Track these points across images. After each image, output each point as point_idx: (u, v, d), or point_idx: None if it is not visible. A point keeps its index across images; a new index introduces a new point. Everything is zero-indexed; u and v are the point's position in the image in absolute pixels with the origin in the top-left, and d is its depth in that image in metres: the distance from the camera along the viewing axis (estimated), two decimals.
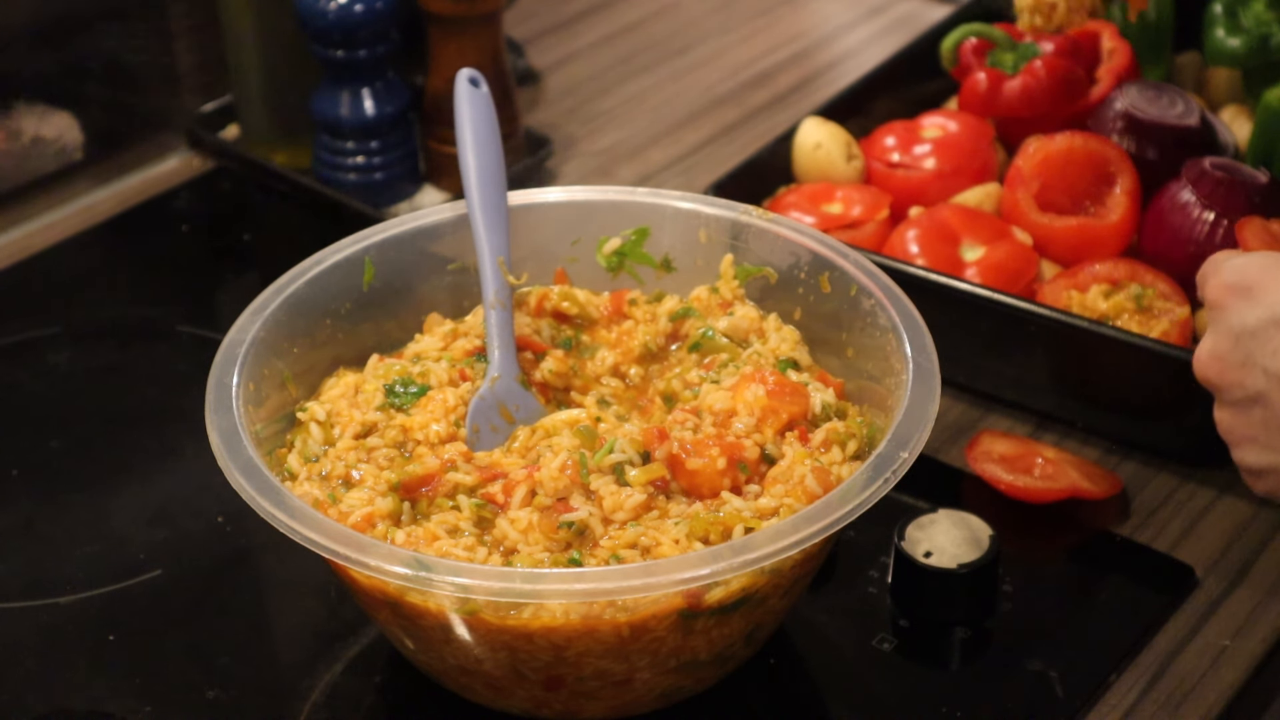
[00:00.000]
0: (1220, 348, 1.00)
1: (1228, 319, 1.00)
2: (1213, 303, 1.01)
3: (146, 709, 1.09)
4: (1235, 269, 1.01)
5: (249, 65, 1.59)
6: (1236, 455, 1.02)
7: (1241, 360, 0.99)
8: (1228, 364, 0.99)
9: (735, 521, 0.99)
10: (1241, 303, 0.99)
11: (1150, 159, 1.38)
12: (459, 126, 1.19)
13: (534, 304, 1.18)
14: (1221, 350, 1.00)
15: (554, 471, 1.01)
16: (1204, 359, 1.01)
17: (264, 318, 1.11)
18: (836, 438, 1.06)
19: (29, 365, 1.41)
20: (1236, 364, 0.99)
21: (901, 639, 1.13)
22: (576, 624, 0.96)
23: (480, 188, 1.17)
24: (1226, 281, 1.00)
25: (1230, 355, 0.99)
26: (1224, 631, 1.14)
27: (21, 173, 1.58)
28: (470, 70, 1.20)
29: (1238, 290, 0.99)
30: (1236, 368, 0.99)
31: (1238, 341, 0.99)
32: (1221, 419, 1.02)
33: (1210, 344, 1.01)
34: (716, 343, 1.14)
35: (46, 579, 1.19)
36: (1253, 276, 0.99)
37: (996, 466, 1.23)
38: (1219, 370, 1.00)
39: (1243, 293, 0.99)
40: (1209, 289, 1.02)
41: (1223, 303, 1.00)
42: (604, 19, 1.93)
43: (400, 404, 1.09)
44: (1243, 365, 0.98)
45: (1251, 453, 1.00)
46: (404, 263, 1.19)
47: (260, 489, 0.98)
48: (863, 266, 1.14)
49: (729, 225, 1.20)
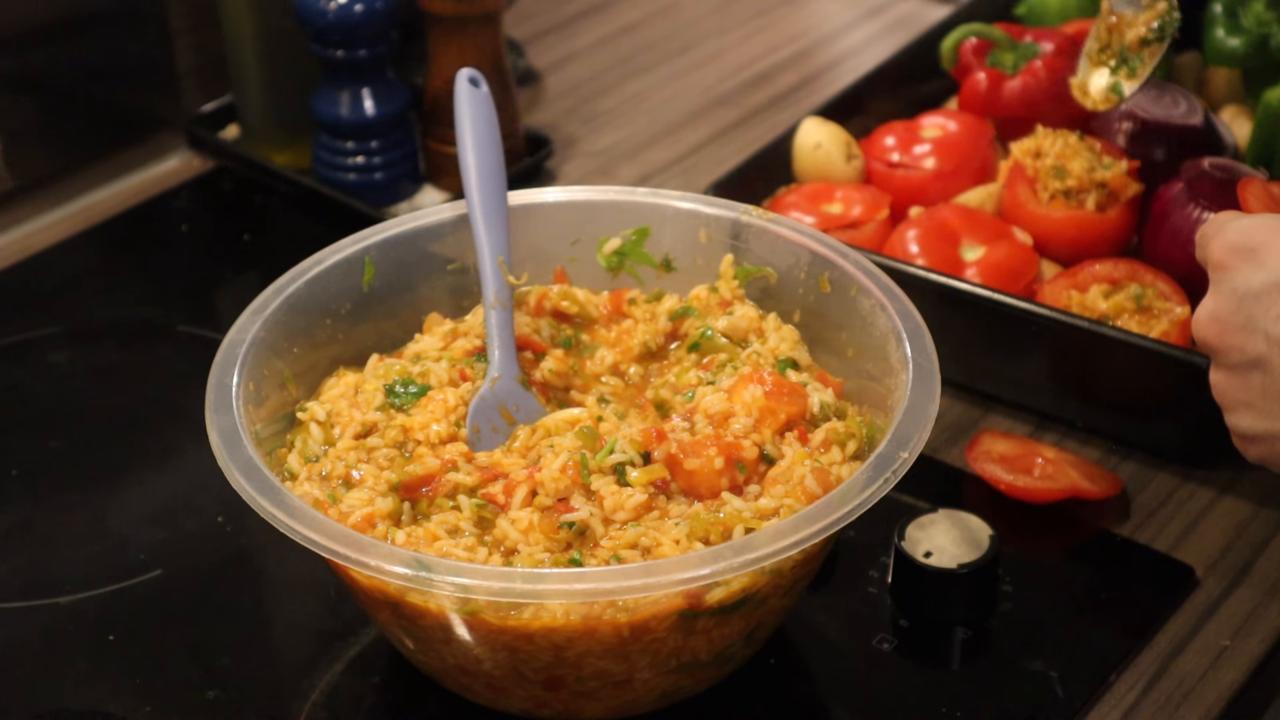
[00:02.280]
0: (1221, 310, 0.97)
1: (1231, 280, 0.97)
2: (1216, 264, 0.98)
3: (146, 709, 1.09)
4: (1240, 230, 0.98)
5: (249, 65, 1.60)
6: (1231, 420, 1.00)
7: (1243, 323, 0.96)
8: (1228, 326, 0.96)
9: (735, 522, 0.99)
10: (1246, 265, 0.96)
11: (1154, 159, 1.38)
12: (459, 126, 1.19)
13: (534, 303, 1.18)
14: (1223, 312, 0.97)
15: (555, 472, 1.01)
16: (1204, 320, 0.98)
17: (264, 318, 1.11)
18: (836, 438, 1.06)
19: (29, 365, 1.41)
20: (1237, 327, 0.96)
21: (901, 639, 1.13)
22: (577, 624, 0.96)
23: (480, 188, 1.17)
24: (1230, 242, 0.97)
25: (1231, 318, 0.96)
26: (1224, 631, 1.14)
27: (21, 173, 1.58)
28: (470, 70, 1.20)
29: (1242, 252, 0.96)
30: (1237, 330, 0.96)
31: (1240, 304, 0.96)
32: (1218, 382, 0.99)
33: (1211, 305, 0.98)
34: (716, 342, 1.14)
35: (46, 579, 1.19)
36: (1258, 238, 0.96)
37: (996, 466, 1.23)
38: (1218, 332, 0.97)
39: (1247, 254, 0.96)
40: (1212, 249, 0.99)
41: (1226, 264, 0.97)
42: (604, 19, 1.93)
43: (400, 404, 1.09)
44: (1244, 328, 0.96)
45: (1247, 418, 0.98)
46: (404, 263, 1.19)
47: (260, 489, 0.98)
48: (863, 266, 1.14)
49: (729, 225, 1.20)
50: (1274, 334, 0.94)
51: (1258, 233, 0.97)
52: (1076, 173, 1.35)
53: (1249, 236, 0.97)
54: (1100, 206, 1.36)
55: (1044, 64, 1.46)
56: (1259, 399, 0.96)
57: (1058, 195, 1.36)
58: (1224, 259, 0.98)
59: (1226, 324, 0.96)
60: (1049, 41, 1.49)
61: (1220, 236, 0.99)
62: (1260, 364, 0.95)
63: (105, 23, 1.59)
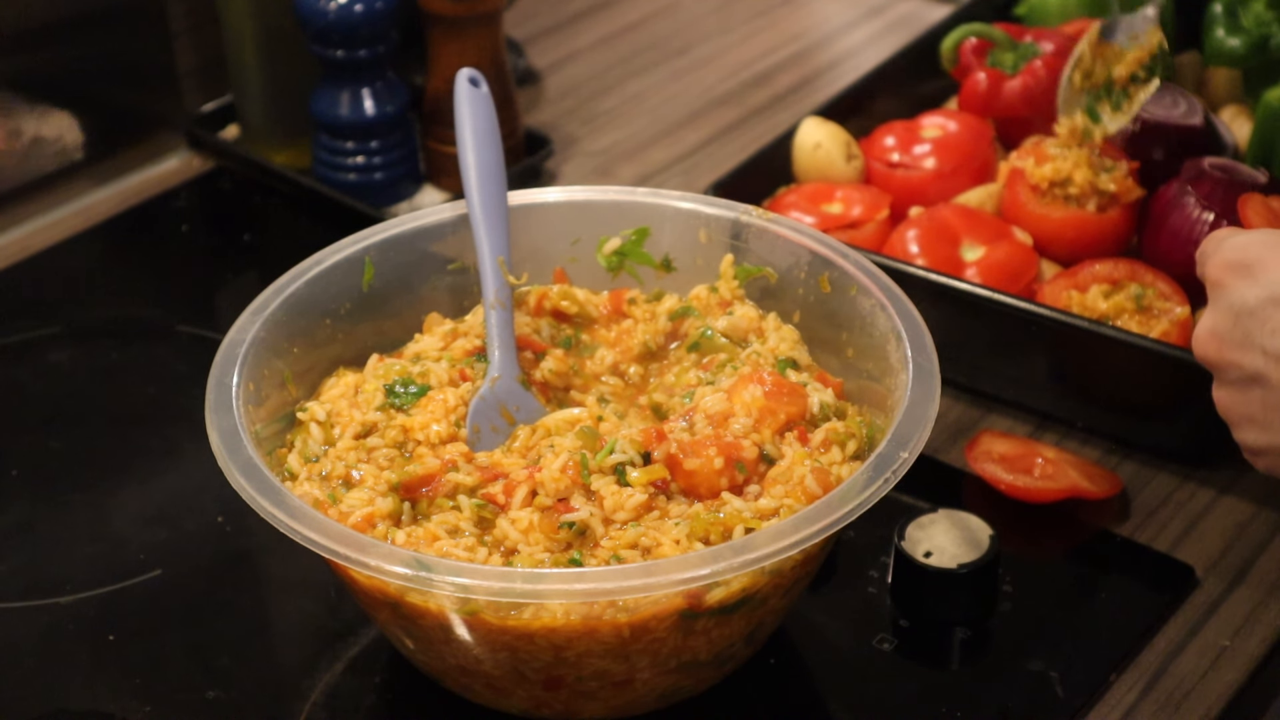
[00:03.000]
0: (1219, 326, 0.98)
1: (1227, 297, 0.97)
2: (1213, 281, 0.99)
3: (146, 709, 1.09)
4: (1236, 247, 0.98)
5: (249, 65, 1.60)
6: (1237, 435, 1.00)
7: (1240, 340, 0.96)
8: (1226, 343, 0.97)
9: (736, 522, 0.99)
10: (1241, 281, 0.96)
11: (1154, 159, 1.38)
12: (459, 126, 1.19)
13: (533, 303, 1.18)
14: (1221, 329, 0.97)
15: (555, 472, 1.01)
16: (1203, 338, 0.99)
17: (264, 318, 1.11)
18: (836, 438, 1.06)
19: (29, 365, 1.41)
20: (1235, 343, 0.97)
21: (901, 639, 1.13)
22: (577, 624, 0.96)
23: (480, 188, 1.17)
24: (1227, 259, 0.98)
25: (1229, 334, 0.97)
26: (1224, 631, 1.14)
27: (21, 173, 1.58)
28: (470, 70, 1.20)
29: (1238, 268, 0.97)
30: (1235, 347, 0.97)
31: (1237, 320, 0.97)
32: (1220, 398, 1.00)
33: (1210, 323, 0.99)
34: (715, 342, 1.14)
35: (46, 579, 1.19)
36: (1253, 254, 0.97)
37: (996, 466, 1.23)
38: (1217, 349, 0.98)
39: (1243, 271, 0.97)
40: (1209, 267, 1.00)
41: (1223, 281, 0.98)
42: (604, 19, 1.93)
43: (400, 404, 1.09)
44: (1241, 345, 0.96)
45: (1251, 432, 0.99)
46: (404, 263, 1.19)
47: (261, 489, 0.98)
48: (863, 266, 1.14)
49: (729, 225, 1.20)
50: (1270, 348, 0.94)
51: (1253, 249, 0.97)
52: (1079, 182, 1.35)
53: (1245, 253, 0.98)
54: (1100, 207, 1.36)
55: (1044, 64, 1.46)
56: (1261, 413, 0.97)
57: (1058, 197, 1.36)
58: (1221, 276, 0.98)
59: (1225, 340, 0.97)
60: (1049, 41, 1.49)
61: (1218, 254, 0.99)
62: (1259, 379, 0.96)
63: (105, 23, 1.59)
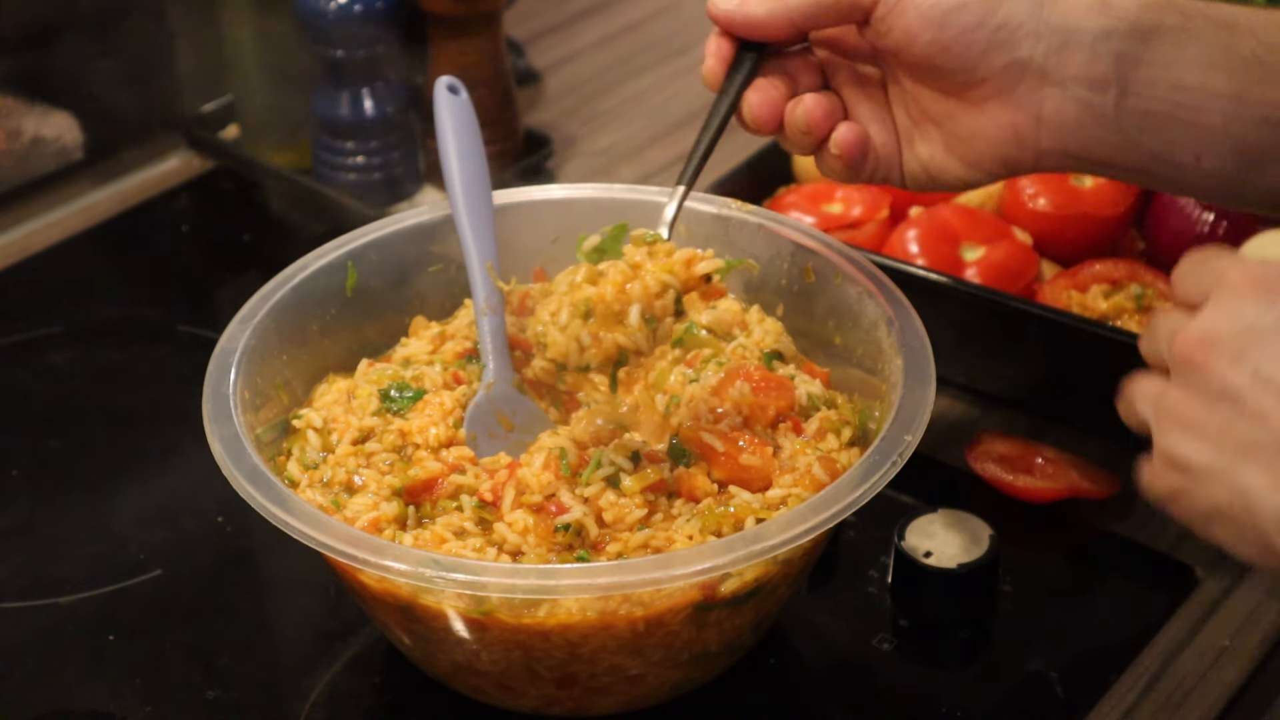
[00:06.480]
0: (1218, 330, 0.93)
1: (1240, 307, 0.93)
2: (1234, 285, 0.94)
3: (146, 709, 1.09)
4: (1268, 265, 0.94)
5: (249, 65, 1.59)
6: (1167, 440, 0.92)
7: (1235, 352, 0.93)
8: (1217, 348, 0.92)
9: (746, 514, 1.00)
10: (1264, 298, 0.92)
11: None
12: (441, 135, 1.18)
13: (516, 302, 1.17)
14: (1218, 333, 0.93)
15: (537, 469, 1.01)
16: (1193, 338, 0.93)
17: (253, 325, 1.10)
18: (830, 426, 1.06)
19: (29, 365, 1.41)
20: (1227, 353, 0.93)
21: (901, 639, 1.13)
22: (592, 620, 0.96)
23: (466, 195, 1.16)
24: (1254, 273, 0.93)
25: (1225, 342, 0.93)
26: (1224, 631, 1.14)
27: (21, 173, 1.58)
28: (449, 78, 1.19)
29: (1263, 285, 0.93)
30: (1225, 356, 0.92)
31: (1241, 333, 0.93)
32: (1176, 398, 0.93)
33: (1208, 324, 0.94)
34: (699, 337, 1.14)
35: (46, 579, 1.19)
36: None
37: (996, 466, 1.23)
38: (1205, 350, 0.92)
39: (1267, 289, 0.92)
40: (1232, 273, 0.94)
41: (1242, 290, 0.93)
42: (604, 19, 1.93)
43: (397, 409, 1.09)
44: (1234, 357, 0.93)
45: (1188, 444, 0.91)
46: (386, 266, 1.18)
47: (270, 496, 0.97)
48: (846, 254, 1.13)
49: (709, 219, 1.19)
50: (1264, 373, 0.91)
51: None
52: None
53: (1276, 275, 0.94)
54: (1101, 207, 1.35)
55: None
56: (1216, 432, 0.91)
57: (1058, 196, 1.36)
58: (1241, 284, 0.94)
59: (1217, 346, 0.93)
60: None
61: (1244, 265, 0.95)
62: (1235, 399, 0.91)
63: (105, 23, 1.59)
